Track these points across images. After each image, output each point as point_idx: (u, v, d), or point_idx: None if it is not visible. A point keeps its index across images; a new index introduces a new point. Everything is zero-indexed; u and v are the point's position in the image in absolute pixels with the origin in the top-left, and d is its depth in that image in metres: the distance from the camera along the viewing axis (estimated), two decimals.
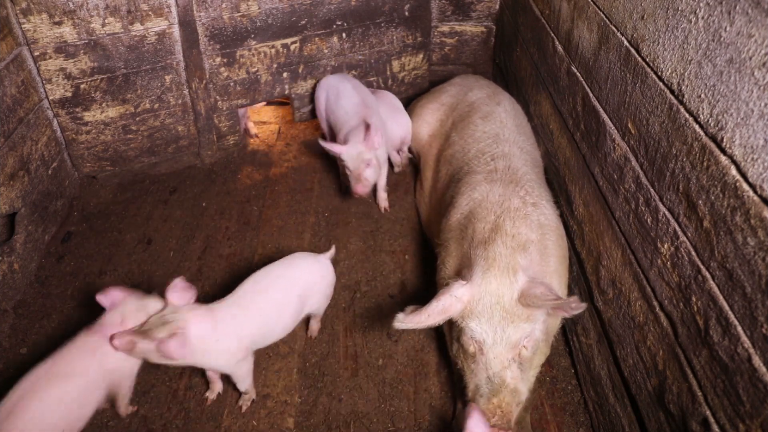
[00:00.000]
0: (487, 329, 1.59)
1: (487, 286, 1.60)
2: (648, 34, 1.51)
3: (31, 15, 2.34)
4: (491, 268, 1.63)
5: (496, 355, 1.59)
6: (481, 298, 1.60)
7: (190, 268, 2.43)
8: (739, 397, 1.12)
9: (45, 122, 2.55)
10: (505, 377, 1.59)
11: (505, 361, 1.59)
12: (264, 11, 2.79)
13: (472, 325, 1.60)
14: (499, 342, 1.59)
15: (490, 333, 1.59)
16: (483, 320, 1.59)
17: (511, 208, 1.86)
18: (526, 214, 1.86)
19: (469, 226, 1.87)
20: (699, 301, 1.27)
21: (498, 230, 1.77)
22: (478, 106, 2.53)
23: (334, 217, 2.73)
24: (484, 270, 1.63)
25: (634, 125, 1.59)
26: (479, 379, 1.61)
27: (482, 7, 3.27)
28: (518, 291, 1.59)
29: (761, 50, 1.05)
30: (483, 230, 1.80)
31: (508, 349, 1.59)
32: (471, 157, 2.24)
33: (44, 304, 2.26)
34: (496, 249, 1.69)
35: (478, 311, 1.59)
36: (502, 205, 1.88)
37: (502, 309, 1.58)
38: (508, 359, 1.60)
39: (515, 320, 1.58)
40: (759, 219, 1.05)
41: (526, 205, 1.89)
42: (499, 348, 1.59)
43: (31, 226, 2.40)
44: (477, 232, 1.81)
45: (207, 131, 2.97)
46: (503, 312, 1.58)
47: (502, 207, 1.87)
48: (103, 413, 1.89)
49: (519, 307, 1.58)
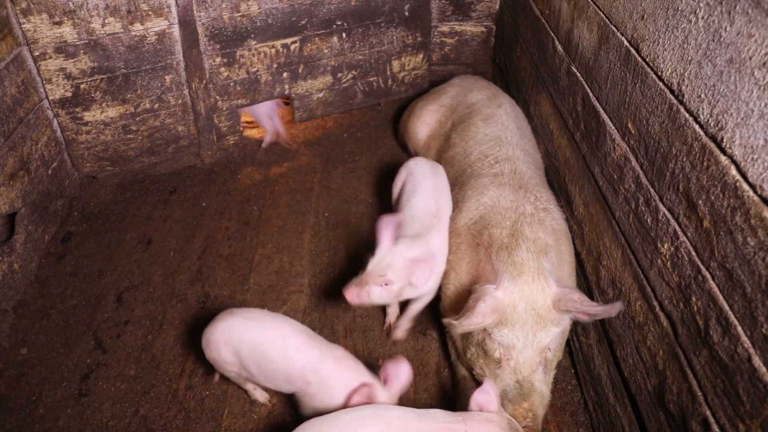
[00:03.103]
0: (519, 334, 1.60)
1: (520, 292, 1.60)
2: (648, 34, 1.51)
3: (31, 15, 2.34)
4: (522, 274, 1.63)
5: (526, 359, 1.60)
6: (515, 304, 1.60)
7: (190, 268, 2.43)
8: (739, 397, 1.12)
9: (45, 122, 2.55)
10: (534, 381, 1.60)
11: (534, 365, 1.61)
12: (264, 11, 2.79)
13: (504, 331, 1.60)
14: (530, 346, 1.60)
15: (521, 338, 1.59)
16: (516, 326, 1.59)
17: (526, 213, 1.86)
18: (540, 219, 1.86)
19: (483, 232, 1.87)
20: (699, 301, 1.27)
21: (518, 235, 1.77)
22: (478, 108, 2.53)
23: (334, 217, 2.73)
24: (514, 276, 1.63)
25: (634, 125, 1.59)
26: (506, 384, 1.62)
27: (482, 7, 3.28)
28: (551, 296, 1.60)
29: (761, 50, 1.05)
30: (501, 236, 1.80)
31: (537, 354, 1.61)
32: (474, 160, 2.24)
33: (44, 304, 2.26)
34: (521, 254, 1.69)
35: (513, 318, 1.59)
36: (516, 210, 1.88)
37: (536, 314, 1.59)
38: (537, 363, 1.61)
39: (547, 325, 1.60)
40: (759, 219, 1.05)
41: (539, 211, 1.90)
42: (529, 353, 1.60)
43: (31, 226, 2.40)
44: (494, 237, 1.81)
45: (207, 131, 2.97)
46: (537, 317, 1.59)
47: (517, 212, 1.87)
48: (102, 413, 1.89)
49: (551, 312, 1.60)
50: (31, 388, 1.96)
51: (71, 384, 1.98)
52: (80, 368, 2.03)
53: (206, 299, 2.29)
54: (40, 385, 1.97)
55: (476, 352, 1.72)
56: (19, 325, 2.18)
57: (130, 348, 2.10)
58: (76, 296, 2.30)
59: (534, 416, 1.58)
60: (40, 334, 2.14)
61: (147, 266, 2.44)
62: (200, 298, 2.30)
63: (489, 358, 1.66)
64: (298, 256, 2.50)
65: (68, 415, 1.88)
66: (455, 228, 2.01)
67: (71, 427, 1.85)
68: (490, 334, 1.63)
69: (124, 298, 2.30)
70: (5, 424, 1.84)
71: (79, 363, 2.04)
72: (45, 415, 1.88)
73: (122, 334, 2.15)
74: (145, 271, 2.42)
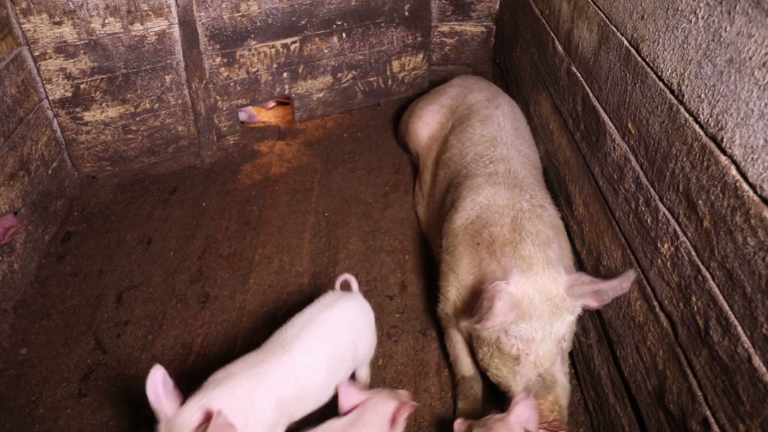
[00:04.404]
0: (537, 327, 1.59)
1: (533, 284, 1.60)
2: (648, 34, 1.51)
3: (31, 15, 2.34)
4: (531, 266, 1.63)
5: (546, 352, 1.59)
6: (531, 297, 1.59)
7: (190, 268, 2.43)
8: (739, 397, 1.12)
9: (45, 122, 2.55)
10: (555, 373, 1.59)
11: (553, 357, 1.61)
12: (264, 11, 2.79)
13: (522, 325, 1.59)
14: (548, 338, 1.59)
15: (540, 330, 1.59)
16: (534, 319, 1.59)
17: (524, 209, 1.87)
18: (538, 214, 1.87)
19: (482, 231, 1.86)
20: (699, 301, 1.27)
21: (521, 230, 1.77)
22: (477, 109, 2.53)
23: (334, 217, 2.73)
24: (524, 269, 1.63)
25: (634, 125, 1.59)
26: (528, 379, 1.61)
27: (482, 7, 3.28)
28: (564, 283, 1.60)
29: (761, 50, 1.05)
30: (502, 233, 1.80)
31: (555, 344, 1.61)
32: (469, 161, 2.24)
33: (44, 304, 2.26)
34: (527, 247, 1.70)
35: (530, 311, 1.59)
36: (513, 207, 1.88)
37: (552, 305, 1.59)
38: (555, 354, 1.61)
39: (563, 313, 1.60)
40: (759, 219, 1.05)
41: (535, 208, 1.91)
42: (548, 344, 1.60)
43: (31, 226, 2.40)
44: (495, 235, 1.81)
45: (207, 131, 2.97)
46: (553, 307, 1.59)
47: (515, 209, 1.87)
48: (102, 413, 1.89)
49: (566, 300, 1.60)
50: (31, 388, 1.96)
51: (71, 384, 1.97)
52: (80, 368, 2.03)
53: (206, 299, 2.29)
54: (40, 385, 1.96)
55: (489, 351, 1.70)
56: (19, 325, 2.18)
57: (130, 348, 2.10)
58: (76, 296, 2.30)
59: (560, 408, 1.57)
60: (40, 334, 2.14)
61: (147, 266, 2.44)
62: (200, 298, 2.30)
63: (505, 356, 1.64)
64: (298, 256, 2.50)
65: (68, 415, 1.88)
66: (452, 229, 2.01)
67: (71, 427, 1.85)
68: (506, 331, 1.62)
69: (124, 298, 2.30)
70: (5, 424, 1.84)
71: (79, 363, 2.04)
72: (45, 415, 1.88)
73: (122, 334, 2.15)
74: (145, 271, 2.42)
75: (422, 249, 2.54)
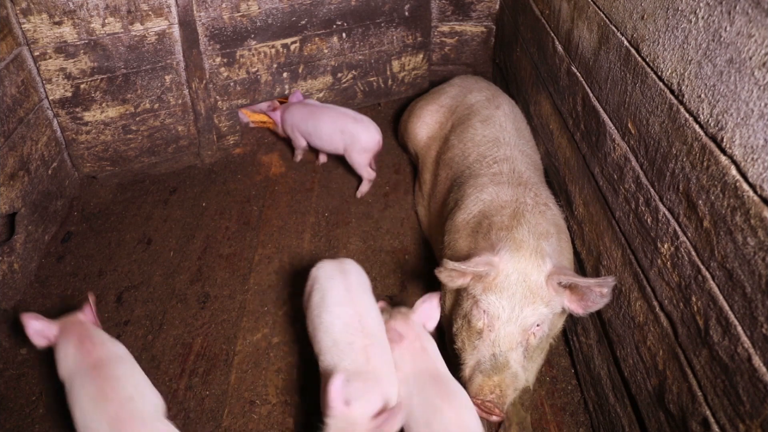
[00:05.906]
0: (505, 305, 1.59)
1: (515, 264, 1.61)
2: (648, 34, 1.51)
3: (31, 15, 2.34)
4: (520, 249, 1.64)
5: (507, 333, 1.58)
6: (508, 273, 1.60)
7: (190, 268, 2.43)
8: (739, 397, 1.12)
9: (45, 122, 2.55)
10: (510, 358, 1.58)
11: (513, 343, 1.59)
12: (264, 11, 2.79)
13: (492, 298, 1.60)
14: (514, 321, 1.59)
15: (507, 309, 1.59)
16: (504, 295, 1.59)
17: (528, 203, 1.88)
18: (541, 211, 1.88)
19: (483, 222, 1.88)
20: (699, 301, 1.27)
21: (520, 218, 1.78)
22: (477, 109, 2.53)
23: (334, 217, 2.73)
24: (513, 250, 1.64)
25: (634, 125, 1.59)
26: (482, 356, 1.60)
27: (482, 7, 3.28)
28: (546, 274, 1.60)
29: (761, 50, 1.05)
30: (501, 220, 1.81)
31: (520, 331, 1.59)
32: (472, 161, 2.24)
33: (44, 304, 2.26)
34: (522, 232, 1.70)
35: (502, 285, 1.59)
36: (517, 201, 1.89)
37: (527, 288, 1.59)
38: (517, 341, 1.59)
39: (536, 301, 1.59)
40: (759, 219, 1.05)
41: (539, 204, 1.91)
42: (512, 327, 1.59)
43: (31, 226, 2.40)
44: (494, 222, 1.81)
45: (207, 131, 2.97)
46: (527, 291, 1.59)
47: (518, 202, 1.88)
48: None
49: (543, 289, 1.59)
50: (31, 388, 1.96)
51: None
52: None
53: (206, 299, 2.29)
54: (40, 385, 1.97)
55: (462, 324, 1.72)
56: (19, 325, 2.17)
57: (130, 348, 2.08)
58: (76, 296, 2.30)
59: (501, 393, 1.55)
60: None
61: (147, 266, 2.44)
62: (200, 298, 2.30)
63: (472, 329, 1.65)
64: (298, 256, 2.50)
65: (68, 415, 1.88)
66: (454, 225, 2.02)
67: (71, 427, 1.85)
68: (477, 302, 1.63)
69: (124, 298, 2.30)
70: (5, 424, 1.84)
71: None
72: (45, 415, 1.88)
73: (122, 334, 2.15)
74: (145, 271, 2.42)
75: (422, 249, 2.54)
